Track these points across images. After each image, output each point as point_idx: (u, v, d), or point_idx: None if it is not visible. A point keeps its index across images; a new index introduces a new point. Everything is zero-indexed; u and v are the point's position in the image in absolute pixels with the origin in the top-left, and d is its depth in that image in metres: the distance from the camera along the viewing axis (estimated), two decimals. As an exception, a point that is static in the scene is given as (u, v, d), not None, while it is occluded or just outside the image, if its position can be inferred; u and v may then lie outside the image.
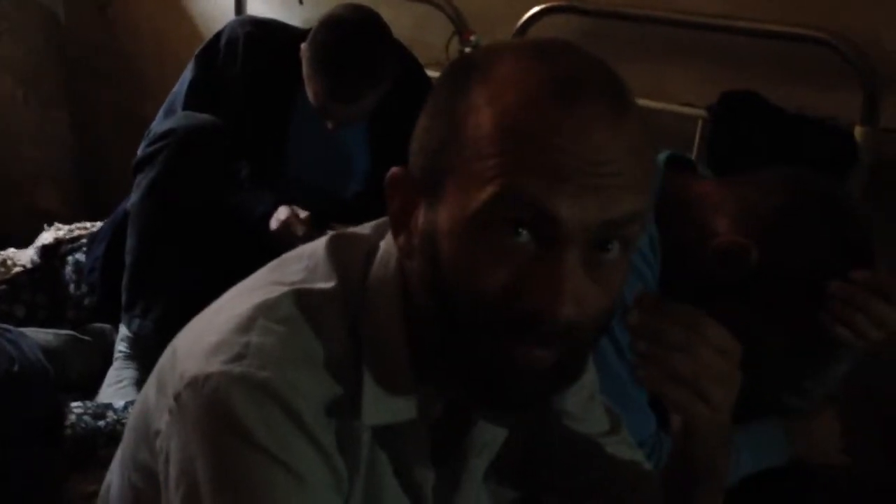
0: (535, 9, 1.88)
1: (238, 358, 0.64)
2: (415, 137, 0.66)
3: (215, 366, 0.64)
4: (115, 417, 1.52)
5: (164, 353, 0.74)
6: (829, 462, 1.28)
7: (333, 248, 0.72)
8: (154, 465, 0.70)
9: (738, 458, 1.18)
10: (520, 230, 0.60)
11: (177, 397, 0.66)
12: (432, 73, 1.94)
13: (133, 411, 0.78)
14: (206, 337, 0.68)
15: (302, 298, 0.68)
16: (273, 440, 0.62)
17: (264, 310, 0.67)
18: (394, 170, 0.67)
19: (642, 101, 1.79)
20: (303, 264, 0.72)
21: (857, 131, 1.56)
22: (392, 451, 0.71)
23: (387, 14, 1.71)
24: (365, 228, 0.76)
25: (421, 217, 0.65)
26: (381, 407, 0.68)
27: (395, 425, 0.70)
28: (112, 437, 1.48)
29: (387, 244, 0.71)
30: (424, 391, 0.70)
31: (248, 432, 0.62)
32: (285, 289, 0.69)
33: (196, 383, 0.64)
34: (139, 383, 1.66)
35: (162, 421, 0.68)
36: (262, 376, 0.63)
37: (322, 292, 0.69)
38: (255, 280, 0.74)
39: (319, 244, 0.74)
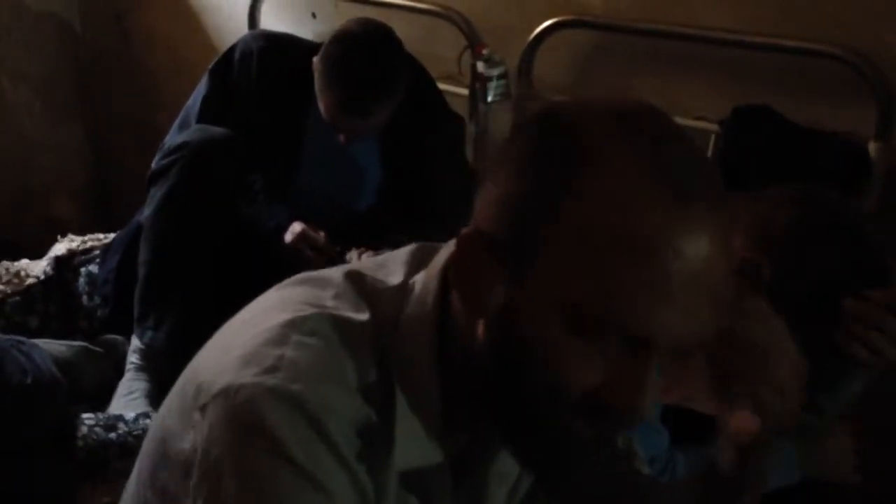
0: (547, 22, 1.88)
1: (272, 370, 0.63)
2: (489, 200, 0.63)
3: (248, 377, 0.62)
4: (126, 429, 1.52)
5: (181, 378, 0.72)
6: (841, 481, 1.27)
7: (359, 281, 0.70)
8: (173, 486, 0.68)
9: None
10: (614, 338, 0.58)
11: (203, 409, 0.64)
12: (444, 87, 1.94)
13: (149, 434, 0.77)
14: (234, 350, 0.66)
15: (337, 323, 0.66)
16: (303, 454, 0.61)
17: (298, 326, 0.66)
18: (469, 230, 0.64)
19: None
20: (331, 291, 0.70)
21: (871, 147, 1.55)
22: (419, 493, 0.70)
23: (399, 28, 1.72)
24: (396, 261, 0.73)
25: (500, 288, 0.62)
26: (414, 450, 0.67)
27: (420, 470, 0.68)
28: (124, 448, 1.48)
29: (424, 282, 0.69)
30: (452, 431, 0.69)
31: (279, 444, 0.60)
32: (318, 311, 0.67)
33: (227, 393, 0.63)
34: (151, 395, 1.66)
35: (186, 440, 0.66)
36: (296, 390, 0.62)
37: (355, 323, 0.67)
38: (281, 299, 0.71)
39: (341, 273, 0.71)
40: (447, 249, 0.69)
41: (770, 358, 0.77)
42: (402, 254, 0.74)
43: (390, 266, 0.72)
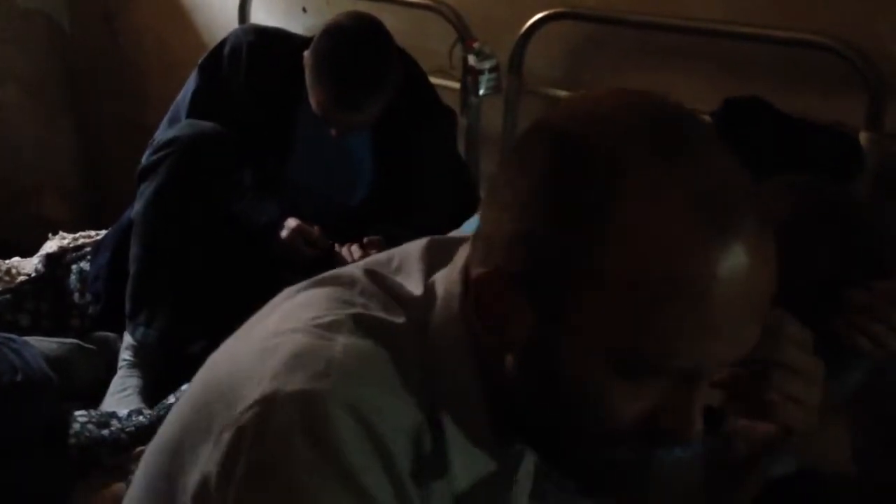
0: (539, 15, 1.88)
1: (323, 375, 0.59)
2: (513, 232, 0.58)
3: (297, 382, 0.58)
4: (119, 426, 1.51)
5: (203, 380, 0.68)
6: (838, 471, 1.27)
7: (382, 281, 0.67)
8: (184, 498, 0.64)
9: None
10: (660, 376, 0.57)
11: (244, 412, 0.59)
12: (435, 81, 1.94)
13: (156, 446, 0.72)
14: (274, 354, 0.61)
15: (378, 324, 0.63)
16: (354, 463, 0.57)
17: (340, 327, 0.62)
18: (488, 272, 0.59)
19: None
20: (358, 289, 0.67)
21: (862, 137, 1.55)
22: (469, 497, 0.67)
23: (389, 22, 1.72)
24: (410, 260, 0.69)
25: (529, 325, 0.58)
26: (468, 462, 0.64)
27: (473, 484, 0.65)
28: (116, 445, 1.47)
29: (447, 287, 0.65)
30: (501, 441, 0.66)
31: (333, 451, 0.57)
32: (358, 310, 0.64)
33: (274, 398, 0.58)
34: (143, 392, 1.66)
35: (211, 441, 0.61)
36: (350, 395, 0.58)
37: (394, 325, 0.64)
38: (309, 300, 0.67)
39: (362, 272, 0.68)
40: (465, 246, 0.66)
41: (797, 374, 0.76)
42: (416, 251, 0.70)
43: (405, 265, 0.69)
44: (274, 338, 0.64)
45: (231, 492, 0.59)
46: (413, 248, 0.71)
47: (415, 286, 0.67)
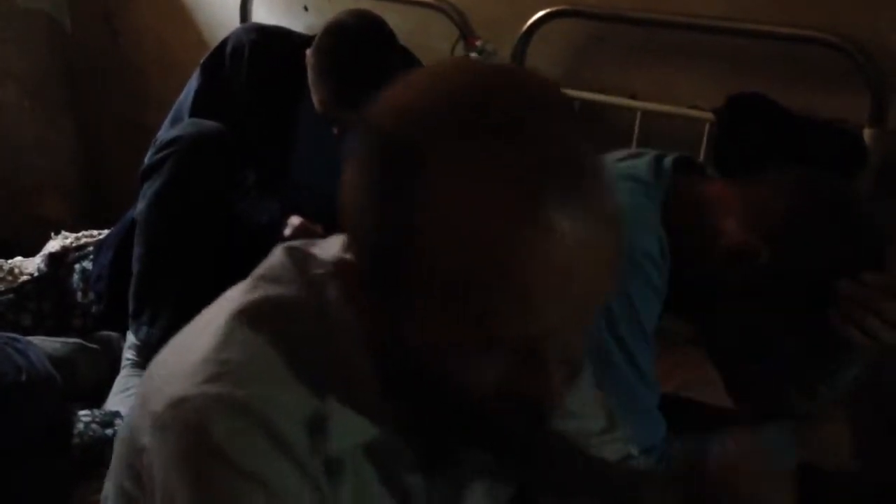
0: (540, 13, 1.88)
1: (216, 377, 0.63)
2: (352, 227, 0.60)
3: (194, 387, 0.63)
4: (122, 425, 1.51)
5: (150, 367, 0.73)
6: (840, 467, 1.27)
7: (293, 258, 0.70)
8: (144, 476, 0.69)
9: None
10: (501, 345, 0.57)
11: (158, 417, 0.65)
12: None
13: (124, 422, 0.78)
14: (186, 354, 0.67)
15: (277, 307, 0.67)
16: (253, 463, 0.61)
17: (240, 319, 0.66)
18: (345, 262, 0.62)
19: (649, 105, 1.79)
20: (269, 272, 0.70)
21: (866, 133, 1.55)
22: (376, 461, 0.70)
23: (391, 19, 1.71)
24: (333, 238, 0.73)
25: (382, 314, 0.61)
26: (350, 428, 0.66)
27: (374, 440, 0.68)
28: (120, 445, 1.47)
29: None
30: (400, 412, 0.68)
31: (228, 455, 0.61)
32: (257, 298, 0.67)
33: (175, 405, 0.63)
34: (147, 391, 1.65)
35: (145, 438, 0.67)
36: (241, 395, 0.62)
37: (294, 301, 0.67)
38: (232, 292, 0.72)
39: (277, 251, 0.72)
40: None
41: None
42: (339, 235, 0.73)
43: (324, 243, 0.72)
44: (192, 337, 0.69)
45: (155, 492, 0.64)
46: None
47: (328, 257, 0.69)
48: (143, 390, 0.71)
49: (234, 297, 0.69)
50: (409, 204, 0.55)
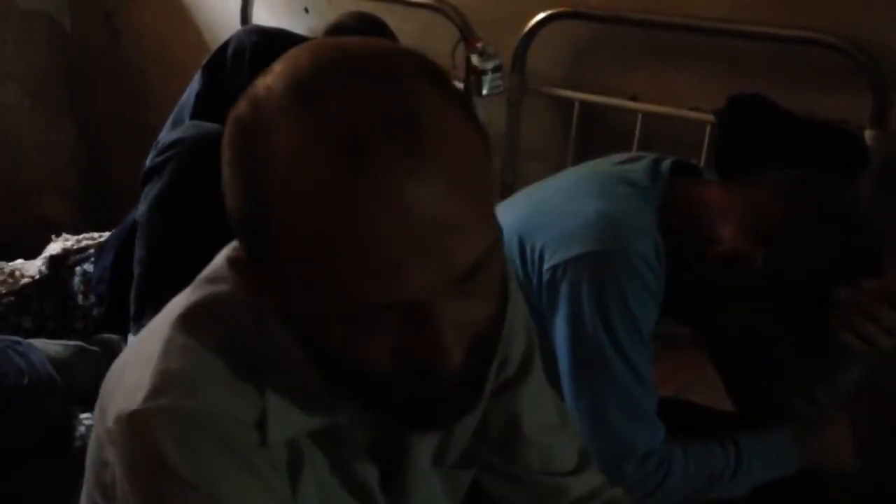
0: (541, 15, 1.88)
1: (160, 391, 0.63)
2: (226, 203, 0.60)
3: (137, 402, 0.63)
4: (124, 428, 1.51)
5: (105, 380, 0.73)
6: (840, 470, 1.27)
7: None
8: (110, 489, 0.69)
9: (749, 468, 1.18)
10: (375, 311, 0.56)
11: (111, 432, 0.65)
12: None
13: (91, 435, 0.77)
14: (134, 366, 0.67)
15: (215, 307, 0.67)
16: (202, 474, 0.62)
17: (180, 326, 0.66)
18: (234, 253, 0.64)
19: (650, 106, 1.79)
20: (209, 273, 0.71)
21: (867, 134, 1.55)
22: (327, 450, 0.71)
23: (392, 21, 1.72)
24: None
25: (270, 297, 0.61)
26: (287, 420, 0.66)
27: (327, 428, 0.69)
28: (122, 448, 1.47)
29: None
30: (340, 400, 0.68)
31: (176, 468, 0.61)
32: (197, 297, 0.68)
33: (124, 420, 0.64)
34: (148, 394, 1.66)
35: (106, 451, 0.68)
36: (184, 406, 0.63)
37: (230, 299, 0.67)
38: (178, 297, 0.72)
39: (221, 254, 0.72)
40: None
41: None
42: None
43: None
44: (138, 348, 0.69)
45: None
46: None
47: None
48: (99, 403, 0.71)
49: (177, 303, 0.70)
50: (254, 178, 0.56)
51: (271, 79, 0.58)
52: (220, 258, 0.71)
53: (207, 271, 0.72)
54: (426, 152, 0.53)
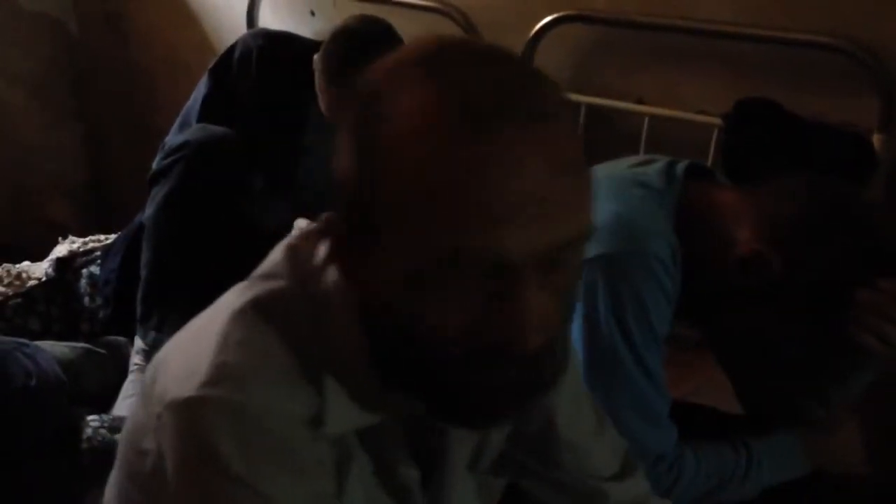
0: (547, 18, 1.87)
1: (214, 381, 0.63)
2: (336, 171, 0.64)
3: (192, 390, 0.63)
4: (131, 431, 1.51)
5: (149, 367, 0.73)
6: (851, 472, 1.27)
7: (287, 254, 0.71)
8: (143, 482, 0.70)
9: (760, 471, 1.17)
10: (467, 275, 0.57)
11: (159, 417, 0.66)
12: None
13: (125, 426, 0.78)
14: (186, 356, 0.67)
15: (273, 303, 0.68)
16: (248, 468, 0.62)
17: (237, 321, 0.67)
18: (326, 216, 0.66)
19: (657, 110, 1.79)
20: (264, 270, 0.71)
21: (874, 138, 1.55)
22: (373, 451, 0.71)
23: (398, 24, 1.72)
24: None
25: (357, 259, 0.63)
26: (345, 416, 0.67)
27: (371, 428, 0.69)
28: (129, 450, 1.47)
29: None
30: (393, 395, 0.69)
31: (224, 460, 0.61)
32: (255, 293, 0.69)
33: (174, 406, 0.64)
34: (154, 396, 1.66)
35: (148, 441, 0.68)
36: (238, 398, 0.63)
37: (289, 295, 0.68)
38: (230, 293, 0.72)
39: (278, 247, 0.73)
40: None
41: None
42: None
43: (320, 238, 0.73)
44: (192, 339, 0.70)
45: (162, 490, 0.65)
46: None
47: (323, 251, 0.70)
48: (144, 391, 0.72)
49: (231, 299, 0.70)
50: (376, 134, 0.58)
51: (400, 54, 0.62)
52: (276, 254, 0.72)
53: (262, 268, 0.72)
54: (548, 129, 0.57)
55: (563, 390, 0.85)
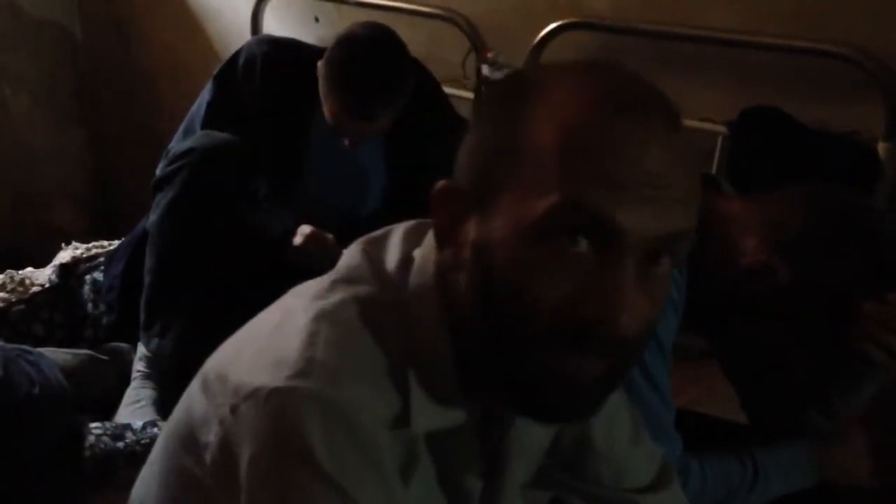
0: (553, 25, 1.88)
1: (305, 373, 0.63)
2: (464, 152, 0.67)
3: (280, 380, 0.62)
4: (134, 438, 1.51)
5: (204, 372, 0.72)
6: (857, 484, 1.26)
7: (369, 256, 0.72)
8: (200, 475, 0.68)
9: (766, 482, 1.17)
10: (579, 239, 0.60)
11: (234, 409, 0.64)
12: (449, 90, 1.94)
13: (171, 424, 0.76)
14: (264, 351, 0.66)
15: (359, 306, 0.68)
16: (334, 462, 0.61)
17: (325, 320, 0.67)
18: (441, 184, 0.67)
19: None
20: (346, 274, 0.71)
21: (880, 147, 1.54)
22: (440, 457, 0.71)
23: (403, 31, 1.72)
24: (394, 236, 0.75)
25: (472, 230, 0.65)
26: (429, 414, 0.67)
27: (445, 432, 0.69)
28: (132, 457, 1.47)
29: (423, 253, 0.71)
30: (468, 399, 0.70)
31: (310, 452, 0.60)
32: (340, 296, 0.69)
33: (258, 396, 0.63)
34: (157, 403, 1.65)
35: (212, 433, 0.66)
36: (328, 393, 0.62)
37: (374, 298, 0.69)
38: (299, 298, 0.72)
39: (353, 251, 0.73)
40: None
41: None
42: (399, 231, 0.75)
43: (388, 243, 0.74)
44: (269, 333, 0.69)
45: (230, 483, 0.63)
46: (398, 227, 0.76)
47: (395, 257, 0.72)
48: (204, 388, 0.70)
49: (307, 299, 0.70)
50: (523, 102, 0.64)
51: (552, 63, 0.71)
52: (354, 261, 0.72)
53: (341, 273, 0.72)
54: (676, 128, 0.63)
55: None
